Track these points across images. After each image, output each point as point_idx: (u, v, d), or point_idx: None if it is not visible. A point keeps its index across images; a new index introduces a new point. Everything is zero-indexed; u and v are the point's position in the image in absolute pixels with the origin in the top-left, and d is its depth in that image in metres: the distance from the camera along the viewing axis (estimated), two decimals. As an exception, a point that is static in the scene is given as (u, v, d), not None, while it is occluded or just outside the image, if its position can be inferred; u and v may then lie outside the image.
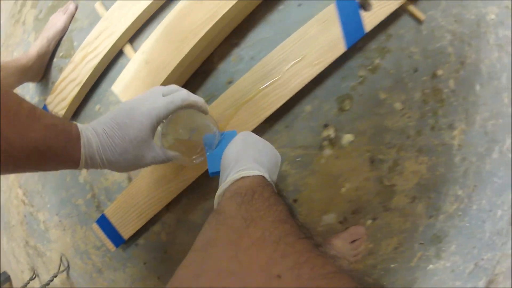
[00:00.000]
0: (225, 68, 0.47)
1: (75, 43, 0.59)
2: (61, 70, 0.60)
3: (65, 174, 0.59)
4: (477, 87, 0.59)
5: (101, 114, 0.54)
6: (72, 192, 0.58)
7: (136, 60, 0.47)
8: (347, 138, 0.47)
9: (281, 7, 0.48)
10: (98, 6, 0.57)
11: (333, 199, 0.47)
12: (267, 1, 0.47)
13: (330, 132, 0.46)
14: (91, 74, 0.53)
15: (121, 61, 0.53)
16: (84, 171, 0.57)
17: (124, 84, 0.48)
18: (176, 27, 0.45)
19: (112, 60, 0.53)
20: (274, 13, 0.48)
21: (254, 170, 0.29)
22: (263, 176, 0.29)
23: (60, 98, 0.57)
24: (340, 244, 0.48)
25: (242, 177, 0.28)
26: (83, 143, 0.30)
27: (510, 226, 0.72)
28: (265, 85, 0.44)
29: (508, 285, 0.82)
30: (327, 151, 0.47)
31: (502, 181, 0.65)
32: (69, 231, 0.61)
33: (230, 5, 0.43)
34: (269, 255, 0.18)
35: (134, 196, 0.51)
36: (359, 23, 0.46)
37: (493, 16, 0.66)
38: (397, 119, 0.48)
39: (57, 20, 0.61)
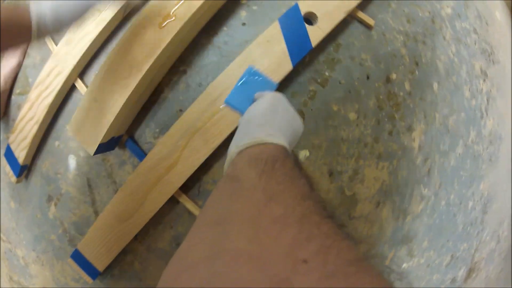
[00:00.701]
0: (174, 96, 0.47)
1: (30, 80, 0.59)
2: (19, 107, 0.60)
3: (35, 211, 0.59)
4: (435, 85, 0.59)
5: (61, 150, 0.54)
6: (44, 228, 0.59)
7: (86, 99, 0.47)
8: (303, 153, 0.47)
9: (225, 28, 0.48)
10: (47, 41, 0.57)
11: (295, 215, 0.48)
12: (210, 23, 0.47)
13: (285, 151, 0.47)
14: (47, 112, 0.53)
15: (75, 95, 0.53)
16: (52, 207, 0.57)
17: (77, 124, 0.48)
18: (120, 63, 0.44)
19: (66, 96, 0.53)
20: (219, 35, 0.48)
21: (279, 140, 0.27)
22: (285, 147, 0.27)
23: (21, 138, 0.57)
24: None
25: (265, 143, 0.26)
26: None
27: (484, 214, 0.73)
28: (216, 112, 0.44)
29: (491, 268, 0.84)
30: (284, 170, 0.47)
31: (469, 173, 0.66)
32: (47, 265, 0.61)
33: (171, 36, 0.43)
34: (293, 236, 0.16)
35: (102, 231, 0.51)
36: (304, 38, 0.46)
37: (449, 10, 0.66)
38: (352, 129, 0.49)
39: (11, 57, 0.61)
